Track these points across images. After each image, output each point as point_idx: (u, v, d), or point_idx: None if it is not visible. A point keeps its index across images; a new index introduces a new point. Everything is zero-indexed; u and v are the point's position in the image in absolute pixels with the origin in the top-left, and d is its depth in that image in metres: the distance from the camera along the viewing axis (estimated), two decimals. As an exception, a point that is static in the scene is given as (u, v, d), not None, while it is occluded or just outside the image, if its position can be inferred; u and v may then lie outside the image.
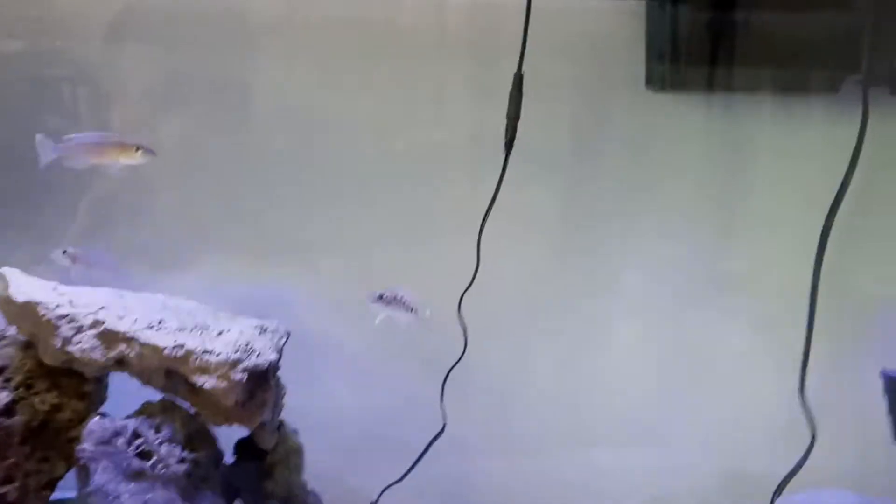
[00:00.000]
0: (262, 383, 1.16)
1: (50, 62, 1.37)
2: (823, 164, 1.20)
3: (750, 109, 1.33)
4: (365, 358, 1.42)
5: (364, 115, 1.35)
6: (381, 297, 1.18)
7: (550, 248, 1.40)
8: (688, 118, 1.35)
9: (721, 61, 1.30)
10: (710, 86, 1.32)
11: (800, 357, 1.19)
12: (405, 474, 1.33)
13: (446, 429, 1.32)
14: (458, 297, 1.28)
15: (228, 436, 1.21)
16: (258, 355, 1.16)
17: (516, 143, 1.24)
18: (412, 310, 1.19)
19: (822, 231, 1.18)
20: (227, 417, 1.16)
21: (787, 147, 1.33)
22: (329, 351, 1.41)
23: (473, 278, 1.27)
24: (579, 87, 1.35)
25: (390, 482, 1.33)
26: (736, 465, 1.36)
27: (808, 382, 1.18)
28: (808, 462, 1.18)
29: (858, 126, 1.14)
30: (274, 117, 1.35)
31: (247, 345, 1.17)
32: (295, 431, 1.24)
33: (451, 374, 1.31)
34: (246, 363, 1.15)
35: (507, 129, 1.25)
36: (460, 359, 1.30)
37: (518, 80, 1.22)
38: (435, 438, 1.33)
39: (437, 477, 1.36)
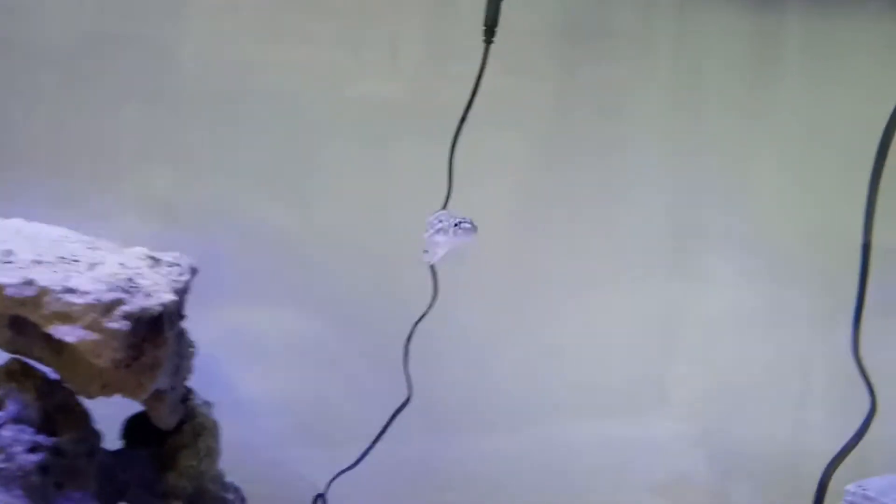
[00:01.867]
0: (153, 336, 0.84)
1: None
2: (874, 68, 1.11)
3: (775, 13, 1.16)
4: (311, 314, 1.25)
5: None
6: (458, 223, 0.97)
7: (528, 190, 1.26)
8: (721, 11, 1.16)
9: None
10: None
11: (842, 311, 1.10)
12: (360, 458, 1.17)
13: (412, 400, 1.17)
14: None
15: (114, 413, 0.95)
16: (147, 296, 0.82)
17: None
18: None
19: (877, 158, 1.05)
20: (104, 384, 0.85)
21: (821, 41, 1.16)
22: (268, 308, 1.25)
23: (444, 208, 1.11)
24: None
25: (342, 468, 1.17)
26: (750, 438, 1.24)
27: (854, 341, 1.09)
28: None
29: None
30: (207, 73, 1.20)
31: (129, 281, 0.83)
32: (207, 404, 0.94)
33: (416, 335, 1.16)
34: (128, 306, 0.82)
35: (486, 13, 1.08)
36: (428, 310, 1.15)
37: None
38: (397, 412, 1.17)
39: (400, 460, 1.22)
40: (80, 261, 0.88)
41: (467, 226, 0.97)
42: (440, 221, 0.98)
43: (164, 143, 1.20)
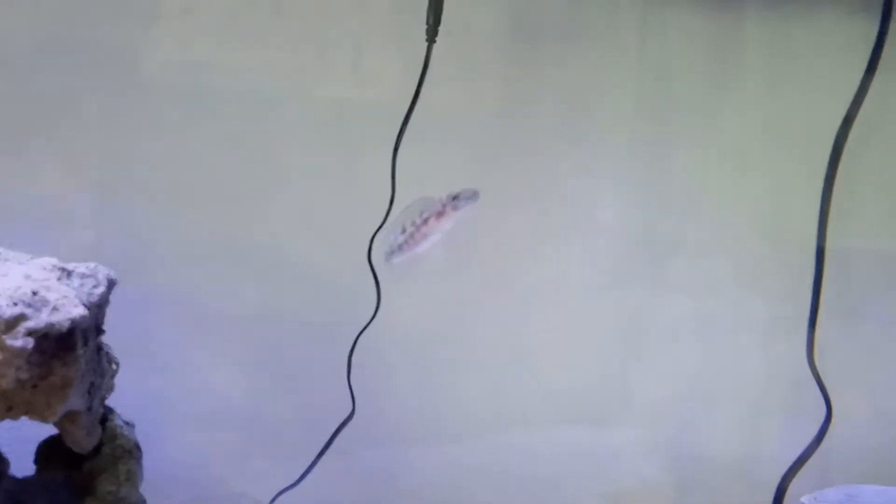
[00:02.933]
0: (63, 353, 0.78)
1: None
2: (831, 70, 1.10)
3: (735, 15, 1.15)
4: (249, 325, 1.18)
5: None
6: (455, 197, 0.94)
7: (485, 195, 1.14)
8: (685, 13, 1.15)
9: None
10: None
11: (800, 316, 1.11)
12: (304, 474, 1.13)
13: (357, 414, 1.14)
14: (369, 240, 1.08)
15: (28, 436, 0.90)
16: (53, 310, 0.76)
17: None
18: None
19: (830, 161, 1.07)
20: (9, 406, 0.79)
21: (780, 45, 1.15)
22: (202, 319, 1.18)
23: (388, 214, 1.07)
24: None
25: (284, 486, 1.13)
26: (708, 445, 1.22)
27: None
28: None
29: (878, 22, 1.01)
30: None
31: (34, 294, 0.77)
32: (129, 425, 0.89)
33: (360, 343, 1.12)
34: (32, 322, 0.75)
35: (429, 10, 1.05)
36: (372, 319, 1.11)
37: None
38: (341, 426, 1.14)
39: (345, 475, 1.17)
40: (-17, 273, 0.81)
41: (468, 194, 0.93)
42: (425, 211, 0.94)
43: (118, 145, 1.15)
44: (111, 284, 0.88)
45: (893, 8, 1.03)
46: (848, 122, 1.07)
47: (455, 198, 0.94)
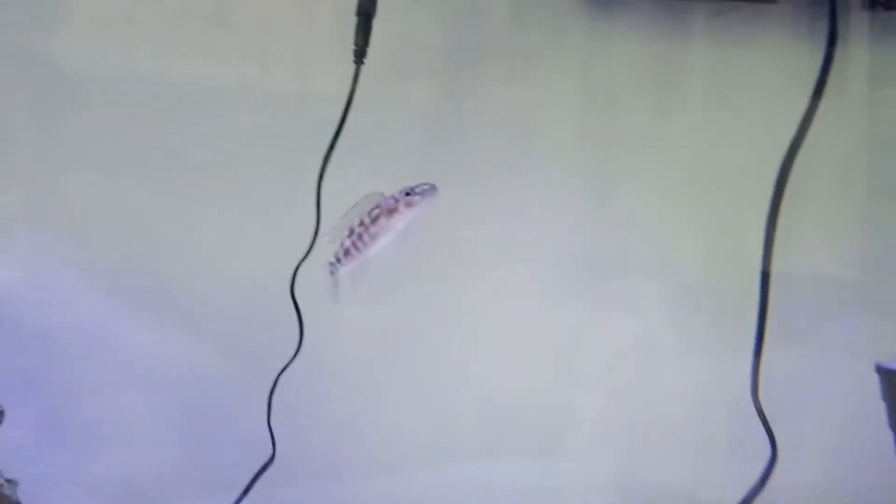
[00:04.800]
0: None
1: None
2: (776, 97, 1.10)
3: (678, 17, 1.14)
4: (158, 362, 1.14)
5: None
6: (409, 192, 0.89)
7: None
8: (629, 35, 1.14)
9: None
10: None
11: (735, 349, 1.11)
12: None
13: (276, 456, 1.09)
14: (292, 272, 1.05)
15: None
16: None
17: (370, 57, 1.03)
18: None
19: (776, 186, 1.07)
20: None
21: (724, 70, 1.16)
22: (106, 354, 1.13)
23: (312, 245, 1.04)
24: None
25: None
26: (649, 479, 1.20)
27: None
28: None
29: (824, 48, 1.03)
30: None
31: None
32: (11, 483, 0.81)
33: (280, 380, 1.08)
34: None
35: (357, 31, 1.03)
36: (294, 357, 1.07)
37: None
38: (261, 471, 1.09)
39: None
40: None
41: (424, 187, 0.88)
42: (378, 207, 0.89)
43: (50, 156, 1.12)
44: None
45: (838, 33, 1.04)
46: (795, 146, 1.07)
47: (409, 193, 0.88)
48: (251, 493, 1.09)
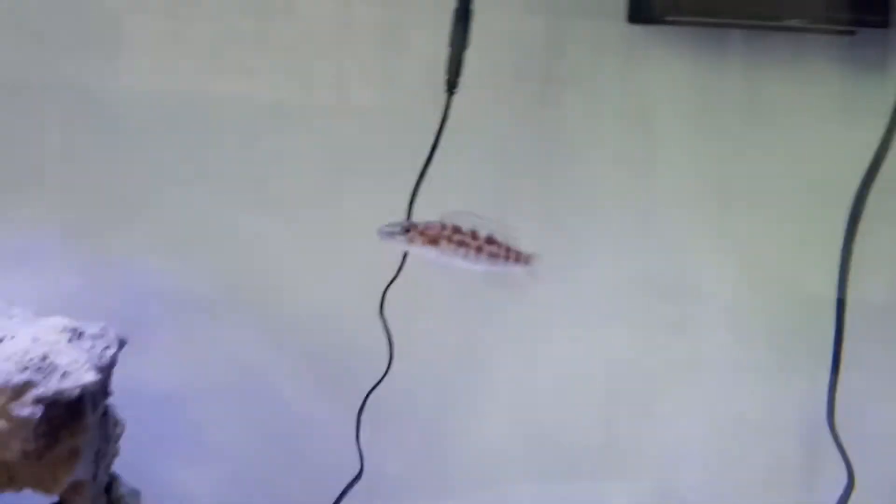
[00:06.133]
0: (71, 421, 0.72)
1: None
2: (851, 125, 1.08)
3: (751, 51, 1.13)
4: (248, 378, 1.13)
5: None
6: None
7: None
8: (669, 62, 1.13)
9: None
10: (702, 15, 1.08)
11: (813, 375, 1.09)
12: None
13: (364, 473, 1.10)
14: (381, 294, 1.05)
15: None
16: (64, 375, 0.72)
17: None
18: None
19: (851, 212, 1.07)
20: (11, 478, 0.72)
21: (801, 102, 1.13)
22: (202, 375, 1.12)
23: (401, 266, 1.04)
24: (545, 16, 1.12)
25: None
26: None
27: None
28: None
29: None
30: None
31: (43, 358, 0.72)
32: (134, 494, 0.81)
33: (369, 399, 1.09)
34: (40, 389, 0.70)
35: (449, 63, 1.02)
36: (384, 377, 1.08)
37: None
38: (349, 487, 1.10)
39: None
40: (-13, 333, 0.77)
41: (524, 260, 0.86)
42: (494, 242, 0.87)
43: (97, 179, 1.10)
44: (121, 345, 0.83)
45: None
46: (872, 171, 1.05)
47: (527, 259, 0.86)
48: (341, 506, 1.09)
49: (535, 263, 0.88)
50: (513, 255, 0.87)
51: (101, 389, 0.79)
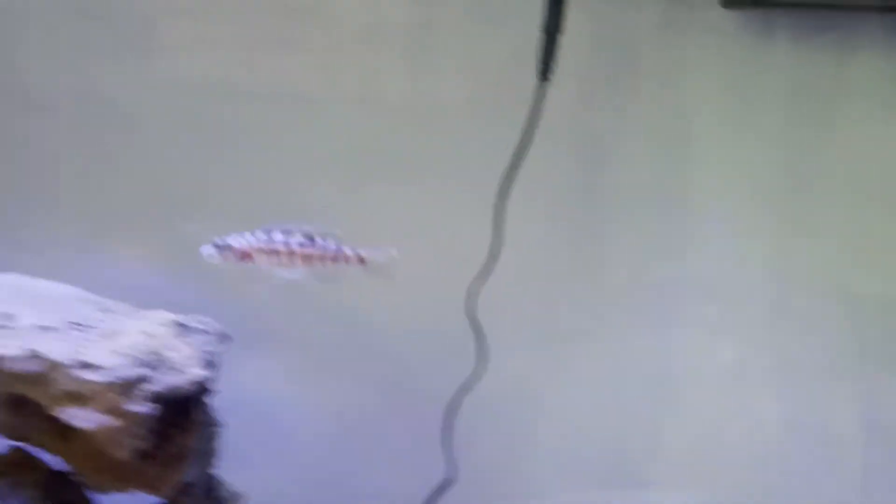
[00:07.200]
0: (181, 419, 0.69)
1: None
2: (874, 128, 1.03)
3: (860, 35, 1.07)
4: (339, 380, 1.12)
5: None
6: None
7: (591, 227, 1.14)
8: (766, 47, 1.08)
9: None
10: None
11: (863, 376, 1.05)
12: None
13: (455, 476, 1.08)
14: (466, 289, 1.03)
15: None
16: (175, 371, 0.68)
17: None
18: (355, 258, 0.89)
19: None
20: (121, 479, 0.69)
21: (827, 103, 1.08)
22: (293, 376, 1.12)
23: (487, 263, 1.02)
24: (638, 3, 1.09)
25: None
26: None
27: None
28: None
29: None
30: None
31: (154, 354, 0.68)
32: (236, 496, 0.80)
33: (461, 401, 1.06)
34: (153, 385, 0.67)
35: (542, 50, 0.99)
36: (476, 378, 1.05)
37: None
38: (439, 491, 1.07)
39: None
40: (94, 327, 0.74)
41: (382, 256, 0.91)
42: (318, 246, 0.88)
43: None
44: (224, 340, 0.80)
45: None
46: None
47: (362, 257, 0.89)
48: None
49: (368, 262, 0.90)
50: (332, 255, 0.88)
51: (207, 387, 0.76)
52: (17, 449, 0.72)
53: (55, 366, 0.68)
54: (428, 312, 1.09)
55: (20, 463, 0.71)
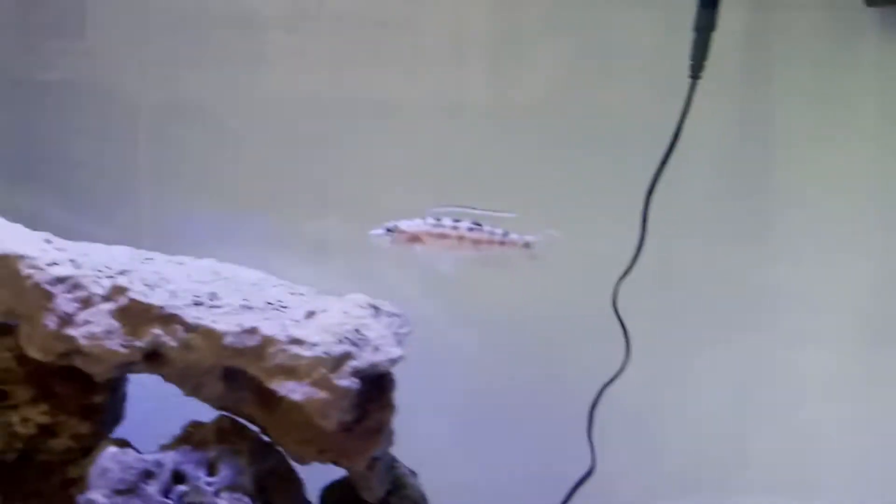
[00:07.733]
0: (379, 395, 0.73)
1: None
2: None
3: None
4: (481, 374, 1.13)
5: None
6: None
7: (738, 223, 1.12)
8: None
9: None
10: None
11: None
12: None
13: (595, 469, 1.07)
14: (613, 287, 1.03)
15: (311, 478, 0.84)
16: (375, 349, 0.72)
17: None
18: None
19: None
20: (322, 450, 0.74)
21: None
22: (434, 366, 1.07)
23: (635, 259, 1.02)
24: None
25: None
26: None
27: None
28: None
29: None
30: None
31: (356, 332, 0.73)
32: (413, 474, 0.81)
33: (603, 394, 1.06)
34: (357, 361, 0.71)
35: (694, 48, 0.99)
36: (619, 373, 1.05)
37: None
38: (580, 483, 1.07)
39: None
40: (288, 307, 0.78)
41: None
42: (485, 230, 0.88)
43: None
44: (408, 324, 0.84)
45: None
46: None
47: (528, 243, 0.89)
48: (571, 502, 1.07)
49: (533, 246, 0.90)
50: (499, 240, 0.88)
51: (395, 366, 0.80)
52: (227, 417, 0.77)
53: (270, 340, 0.73)
54: (576, 306, 1.09)
55: (232, 431, 0.75)
